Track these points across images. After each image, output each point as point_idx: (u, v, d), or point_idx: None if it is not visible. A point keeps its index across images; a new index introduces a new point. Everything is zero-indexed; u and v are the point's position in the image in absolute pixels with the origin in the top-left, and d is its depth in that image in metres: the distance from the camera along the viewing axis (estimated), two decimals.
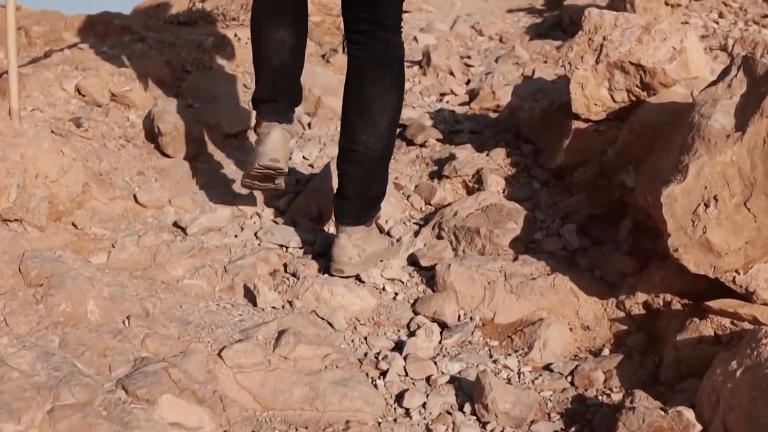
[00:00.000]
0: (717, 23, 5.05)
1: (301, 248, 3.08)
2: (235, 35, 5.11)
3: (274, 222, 3.26)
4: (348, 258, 2.85)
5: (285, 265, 2.94)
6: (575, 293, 2.73)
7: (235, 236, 3.14)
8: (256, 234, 3.16)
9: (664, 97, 2.96)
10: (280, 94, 2.94)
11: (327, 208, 3.22)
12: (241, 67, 4.80)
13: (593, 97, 3.18)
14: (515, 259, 2.90)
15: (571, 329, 2.63)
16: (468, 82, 4.88)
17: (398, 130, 3.64)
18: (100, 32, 5.10)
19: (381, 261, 2.97)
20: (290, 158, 3.44)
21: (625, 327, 2.61)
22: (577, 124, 3.25)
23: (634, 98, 3.16)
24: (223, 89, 4.46)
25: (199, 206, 3.32)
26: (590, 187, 3.16)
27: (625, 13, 3.31)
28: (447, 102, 4.56)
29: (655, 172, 2.63)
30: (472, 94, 4.55)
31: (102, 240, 2.99)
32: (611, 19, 3.26)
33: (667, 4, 5.02)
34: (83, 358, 2.19)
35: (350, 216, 2.89)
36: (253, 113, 3.12)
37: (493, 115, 4.23)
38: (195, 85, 4.47)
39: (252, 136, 4.05)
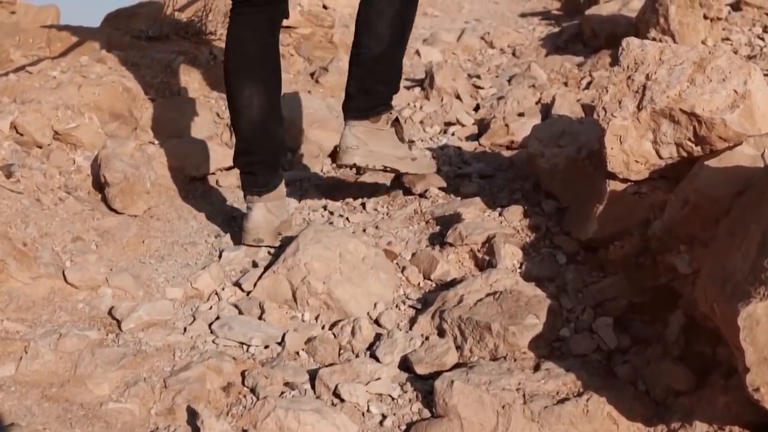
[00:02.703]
0: (763, 39, 4.37)
1: (266, 347, 2.45)
2: (211, 53, 4.47)
3: (236, 307, 2.62)
4: (346, 146, 2.92)
5: (243, 375, 2.31)
6: (614, 420, 2.09)
7: (184, 330, 2.51)
8: (210, 326, 2.52)
9: (728, 160, 2.31)
10: (254, 163, 2.90)
11: (302, 290, 2.59)
12: (215, 92, 4.16)
13: (634, 152, 2.53)
14: (536, 367, 2.26)
15: None
16: (477, 108, 4.23)
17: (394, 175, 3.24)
18: (56, 50, 4.46)
19: (389, 169, 3.00)
20: (287, 223, 3.03)
21: None
22: (613, 185, 2.60)
23: (685, 154, 2.51)
24: (190, 121, 3.83)
25: (144, 286, 2.69)
26: (629, 266, 2.52)
27: (672, 45, 2.64)
28: (453, 134, 3.92)
29: (722, 269, 1.98)
30: (482, 125, 3.90)
31: (13, 340, 2.37)
32: (655, 53, 2.61)
33: (706, 17, 4.34)
34: None
35: (351, 110, 2.96)
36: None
37: (507, 154, 3.58)
38: (158, 116, 3.84)
39: (222, 179, 3.43)
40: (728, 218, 2.14)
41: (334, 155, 3.71)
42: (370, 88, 2.95)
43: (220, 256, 2.89)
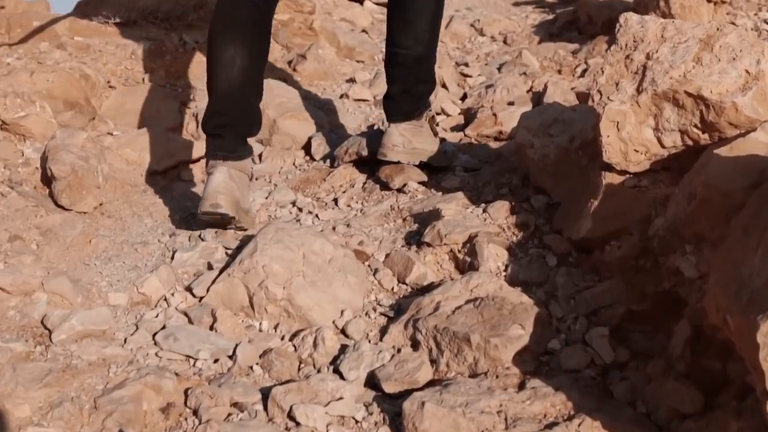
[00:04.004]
0: None
1: (215, 361, 2.15)
2: (181, 39, 4.18)
3: (185, 315, 2.33)
4: (392, 144, 2.94)
5: (186, 394, 2.01)
6: None
7: (124, 341, 2.21)
8: (154, 337, 2.23)
9: (740, 148, 2.01)
10: (225, 125, 2.70)
11: (260, 296, 2.30)
12: (183, 80, 3.87)
13: (633, 140, 2.25)
14: (521, 386, 1.97)
15: None
16: (464, 97, 3.93)
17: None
18: (15, 36, 4.16)
19: (425, 163, 2.99)
20: (251, 199, 2.87)
21: None
22: (609, 178, 2.31)
23: (690, 142, 2.22)
24: (154, 110, 3.54)
25: (83, 291, 2.39)
26: (628, 269, 2.22)
27: (675, 21, 2.35)
28: (437, 125, 3.61)
29: (736, 274, 1.69)
30: (468, 115, 3.61)
31: None
32: (657, 30, 2.32)
33: (709, 0, 4.05)
34: None
35: (397, 113, 2.98)
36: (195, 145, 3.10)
37: (495, 145, 3.29)
38: (118, 105, 3.57)
39: (185, 173, 3.14)
40: (742, 214, 1.85)
41: (307, 147, 3.42)
42: (412, 89, 2.98)
43: (173, 258, 2.60)
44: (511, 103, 3.56)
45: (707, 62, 2.21)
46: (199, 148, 3.34)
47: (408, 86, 2.98)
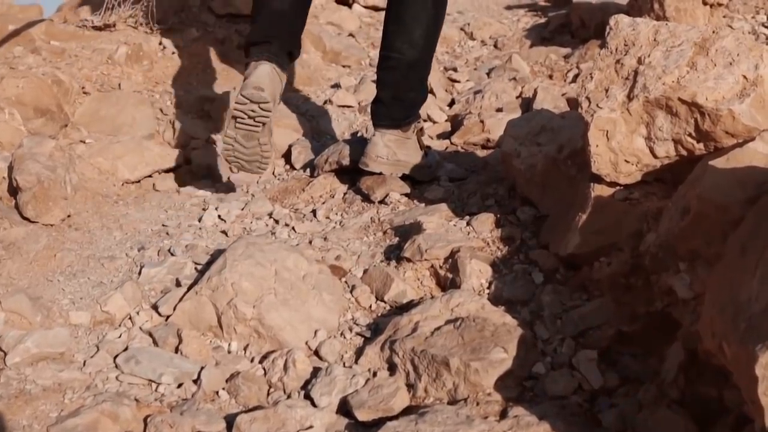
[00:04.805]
0: None
1: (178, 386, 2.02)
2: (160, 43, 4.04)
3: (150, 336, 2.20)
4: (375, 155, 2.85)
5: (146, 422, 1.88)
6: None
7: (83, 365, 2.08)
8: (115, 359, 2.10)
9: (737, 160, 1.88)
10: (274, 36, 2.79)
11: (228, 315, 2.17)
12: (160, 86, 3.74)
13: (624, 150, 2.12)
14: (503, 413, 1.84)
15: None
16: (452, 103, 3.80)
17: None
18: None
19: (408, 174, 2.89)
20: (278, 102, 2.89)
21: None
22: (598, 190, 2.18)
23: (684, 152, 2.10)
24: (129, 117, 3.41)
25: (43, 309, 2.26)
26: (618, 288, 2.09)
27: (669, 24, 2.23)
28: (422, 131, 3.48)
29: (733, 297, 1.57)
30: (456, 122, 3.48)
31: None
32: (649, 33, 2.19)
33: (705, 3, 3.93)
34: None
35: (384, 118, 2.90)
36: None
37: (481, 154, 3.17)
38: (92, 112, 3.44)
39: (160, 182, 3.02)
40: (739, 231, 1.72)
41: (288, 155, 3.30)
42: (403, 95, 2.90)
43: (140, 273, 2.46)
44: (499, 110, 3.43)
45: (702, 67, 2.09)
46: (175, 157, 3.22)
47: (399, 92, 2.89)
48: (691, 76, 2.07)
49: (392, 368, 2.03)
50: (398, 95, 2.89)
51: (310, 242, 2.57)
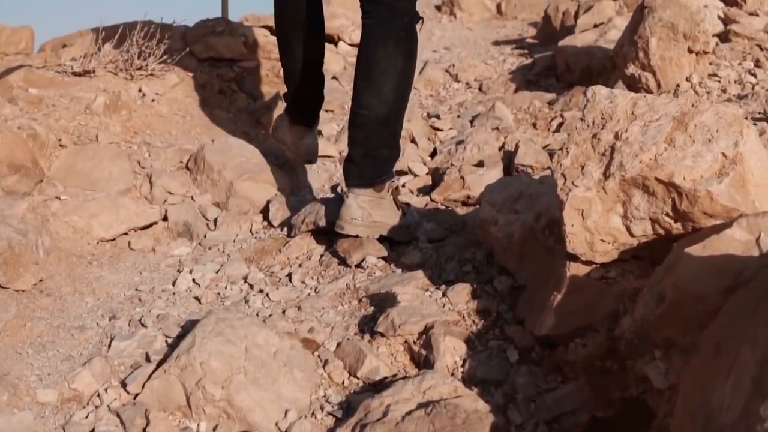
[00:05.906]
0: (755, 75, 3.91)
1: None
2: (140, 90, 4.00)
3: (117, 416, 2.14)
4: (350, 218, 2.80)
5: None
6: None
7: None
8: None
9: (714, 248, 1.84)
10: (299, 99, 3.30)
11: (197, 395, 2.11)
12: (139, 136, 3.69)
13: (600, 230, 2.08)
14: None
15: None
16: (434, 153, 3.76)
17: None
18: None
19: (386, 235, 2.83)
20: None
21: None
22: (574, 269, 2.14)
23: (662, 231, 2.05)
24: (105, 172, 3.36)
25: (10, 387, 2.21)
26: (593, 371, 2.04)
27: (647, 96, 2.19)
28: (403, 186, 3.45)
29: (705, 402, 1.52)
30: (437, 176, 3.44)
31: None
32: (627, 106, 2.16)
33: (690, 51, 3.89)
34: None
35: (356, 177, 2.84)
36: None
37: (461, 211, 3.12)
38: (68, 166, 3.38)
39: (135, 240, 2.97)
40: (714, 326, 1.68)
41: (266, 211, 3.25)
42: (375, 152, 2.82)
43: (109, 346, 2.41)
44: (480, 163, 3.39)
45: (681, 144, 2.05)
46: (151, 214, 3.17)
47: (369, 149, 2.82)
48: (668, 154, 2.03)
49: None
50: (369, 152, 2.82)
51: (284, 312, 2.52)
